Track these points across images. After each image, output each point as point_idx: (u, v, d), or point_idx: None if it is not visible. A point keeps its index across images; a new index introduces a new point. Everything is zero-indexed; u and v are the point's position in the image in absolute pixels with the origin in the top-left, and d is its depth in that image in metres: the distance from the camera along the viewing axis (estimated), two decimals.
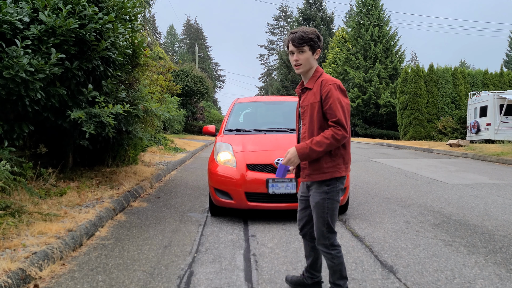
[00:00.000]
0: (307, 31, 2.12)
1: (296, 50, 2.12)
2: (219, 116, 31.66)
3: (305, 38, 2.08)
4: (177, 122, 18.03)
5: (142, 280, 2.57)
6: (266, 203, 3.87)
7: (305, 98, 2.19)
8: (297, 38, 2.09)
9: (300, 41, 2.09)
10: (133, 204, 4.77)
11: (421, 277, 2.62)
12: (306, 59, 2.13)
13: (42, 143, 4.79)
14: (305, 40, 2.09)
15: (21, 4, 3.87)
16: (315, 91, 2.12)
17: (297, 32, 2.11)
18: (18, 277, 2.34)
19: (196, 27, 58.79)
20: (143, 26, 17.63)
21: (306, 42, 2.09)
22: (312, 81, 2.17)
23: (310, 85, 2.17)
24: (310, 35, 2.10)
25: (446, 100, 20.67)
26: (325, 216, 2.12)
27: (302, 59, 2.12)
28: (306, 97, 2.18)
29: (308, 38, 2.09)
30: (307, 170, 2.18)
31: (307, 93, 2.19)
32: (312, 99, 2.13)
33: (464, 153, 11.60)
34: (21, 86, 3.53)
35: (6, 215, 3.26)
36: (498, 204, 4.86)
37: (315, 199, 2.14)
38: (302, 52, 2.12)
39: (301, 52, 2.12)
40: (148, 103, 5.39)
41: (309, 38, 2.09)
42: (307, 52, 2.12)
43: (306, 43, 2.10)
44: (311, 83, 2.17)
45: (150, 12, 35.74)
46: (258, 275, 2.67)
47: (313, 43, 2.11)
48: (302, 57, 2.12)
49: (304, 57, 2.12)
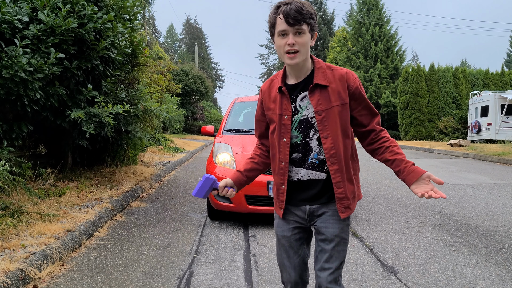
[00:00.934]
0: (304, 2, 1.47)
1: (292, 30, 1.43)
2: (219, 116, 31.64)
3: (305, 12, 1.43)
4: (176, 122, 18.02)
5: (141, 280, 2.56)
6: (267, 207, 3.78)
7: (317, 100, 1.51)
8: (293, 12, 1.42)
9: (298, 16, 1.42)
10: (133, 205, 4.76)
11: (422, 277, 2.61)
12: (305, 43, 1.46)
13: (41, 143, 4.78)
14: (304, 16, 1.43)
15: (20, 4, 3.85)
16: (336, 88, 1.50)
17: (292, 2, 1.43)
18: (17, 277, 2.33)
19: (196, 27, 58.78)
20: (142, 26, 17.63)
21: (306, 20, 1.44)
22: (320, 74, 1.52)
23: (321, 80, 1.51)
24: (310, 9, 1.46)
25: (447, 100, 20.65)
26: (345, 255, 1.57)
27: (300, 43, 1.45)
28: (320, 98, 1.50)
29: (308, 13, 1.45)
30: (347, 201, 1.53)
31: (318, 92, 1.51)
32: (336, 100, 1.50)
33: (465, 153, 11.57)
34: (20, 86, 3.52)
35: (5, 215, 3.24)
36: (499, 204, 4.84)
37: (336, 231, 1.53)
38: (300, 33, 1.45)
39: (299, 34, 1.45)
40: (148, 103, 5.38)
41: (309, 13, 1.45)
42: (307, 34, 1.46)
43: (306, 21, 1.44)
44: (320, 77, 1.51)
45: (149, 11, 35.74)
46: (258, 275, 2.65)
47: (313, 21, 1.48)
48: (301, 41, 1.45)
49: (304, 41, 1.45)
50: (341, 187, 1.51)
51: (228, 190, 1.63)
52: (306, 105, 1.54)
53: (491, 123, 15.41)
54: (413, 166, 1.46)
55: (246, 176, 1.70)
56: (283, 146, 1.57)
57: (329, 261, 1.52)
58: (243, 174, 1.69)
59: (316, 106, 1.51)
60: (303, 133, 1.55)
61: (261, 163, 1.73)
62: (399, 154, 1.51)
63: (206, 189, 1.59)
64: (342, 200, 1.52)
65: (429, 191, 1.39)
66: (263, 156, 1.74)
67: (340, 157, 1.51)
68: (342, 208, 1.53)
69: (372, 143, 1.57)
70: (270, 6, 1.43)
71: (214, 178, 1.60)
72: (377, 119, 1.58)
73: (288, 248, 1.64)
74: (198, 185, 1.60)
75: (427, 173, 1.43)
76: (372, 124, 1.56)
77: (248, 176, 1.70)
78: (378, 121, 1.58)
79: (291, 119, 1.55)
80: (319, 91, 1.51)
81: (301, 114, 1.55)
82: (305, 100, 1.55)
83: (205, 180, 1.58)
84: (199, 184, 1.59)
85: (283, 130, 1.56)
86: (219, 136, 4.64)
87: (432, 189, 1.40)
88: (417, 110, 20.54)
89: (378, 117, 1.59)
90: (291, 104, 1.56)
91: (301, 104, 1.56)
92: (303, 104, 1.55)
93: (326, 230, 1.53)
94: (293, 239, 1.62)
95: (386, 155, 1.53)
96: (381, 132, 1.56)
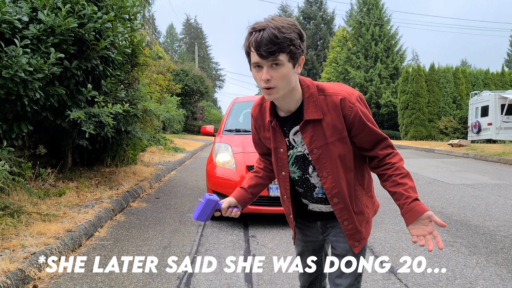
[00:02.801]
0: (282, 25, 1.16)
1: (266, 62, 1.18)
2: (219, 115, 31.64)
3: (281, 41, 1.15)
4: (176, 122, 18.01)
5: (141, 281, 2.55)
6: (267, 207, 3.79)
7: (311, 136, 1.31)
8: (266, 42, 1.14)
9: (272, 47, 1.15)
10: (133, 205, 4.75)
11: (422, 277, 2.60)
12: (283, 76, 1.19)
13: (41, 143, 4.78)
14: (280, 45, 1.15)
15: (20, 4, 3.85)
16: (331, 122, 1.28)
17: (266, 28, 1.15)
18: (17, 277, 2.33)
19: (195, 26, 58.78)
20: (142, 25, 17.61)
21: (283, 49, 1.16)
22: (311, 105, 1.29)
23: (313, 113, 1.28)
24: (289, 33, 1.16)
25: (447, 99, 20.64)
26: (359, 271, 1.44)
27: (278, 77, 1.19)
28: (314, 134, 1.30)
29: (286, 40, 1.15)
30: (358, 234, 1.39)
31: (311, 128, 1.30)
32: (331, 135, 1.29)
33: (465, 153, 11.57)
34: (20, 86, 3.51)
35: (5, 215, 3.24)
36: (500, 204, 4.84)
37: (347, 246, 1.41)
38: (277, 64, 1.18)
39: (276, 65, 1.18)
40: (148, 103, 5.37)
41: (288, 40, 1.16)
42: (286, 65, 1.18)
43: (283, 50, 1.16)
44: (312, 109, 1.28)
45: (149, 11, 35.73)
46: (258, 276, 2.65)
47: (295, 48, 1.18)
48: (277, 75, 1.19)
49: (281, 74, 1.19)
50: (350, 223, 1.37)
51: (232, 210, 1.49)
52: (300, 140, 1.35)
53: (491, 123, 15.40)
54: (413, 202, 1.27)
55: (251, 193, 1.55)
56: (282, 180, 1.44)
57: (341, 276, 1.42)
58: (247, 191, 1.54)
59: (310, 144, 1.32)
60: (301, 169, 1.39)
61: (266, 177, 1.58)
62: (400, 185, 1.30)
63: (208, 212, 1.45)
64: (353, 236, 1.38)
65: (425, 236, 1.23)
66: (267, 170, 1.58)
67: (343, 195, 1.35)
68: (354, 243, 1.39)
69: (376, 168, 1.39)
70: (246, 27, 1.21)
71: (216, 199, 1.45)
72: (383, 144, 1.35)
73: (303, 250, 1.60)
74: (199, 208, 1.45)
75: (427, 212, 1.24)
76: (375, 151, 1.35)
77: (253, 193, 1.56)
78: (384, 146, 1.35)
79: (286, 153, 1.38)
80: (312, 126, 1.30)
81: (296, 149, 1.37)
82: (298, 135, 1.35)
83: (206, 203, 1.43)
84: (200, 207, 1.44)
85: (280, 163, 1.42)
86: (219, 136, 4.63)
87: (431, 233, 1.23)
88: (417, 110, 20.53)
89: (385, 142, 1.36)
90: (284, 138, 1.37)
91: (295, 139, 1.36)
92: (297, 140, 1.36)
93: (338, 245, 1.43)
94: (306, 249, 1.58)
95: (387, 184, 1.34)
96: (386, 158, 1.35)
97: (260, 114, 1.44)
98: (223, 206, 1.48)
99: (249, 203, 1.57)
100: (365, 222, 1.41)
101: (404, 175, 1.32)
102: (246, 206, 1.55)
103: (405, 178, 1.32)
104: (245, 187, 1.56)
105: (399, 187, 1.30)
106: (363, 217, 1.40)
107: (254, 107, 1.47)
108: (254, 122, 1.49)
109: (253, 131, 1.54)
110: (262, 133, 1.46)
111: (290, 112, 1.34)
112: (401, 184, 1.30)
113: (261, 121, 1.45)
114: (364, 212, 1.41)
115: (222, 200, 1.50)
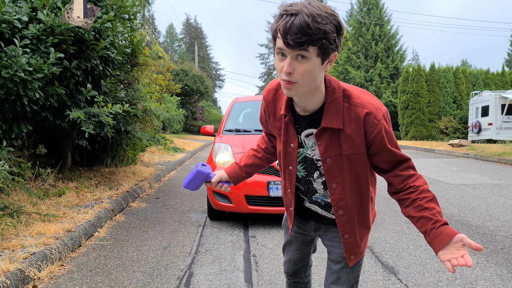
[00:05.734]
0: (319, 13, 0.99)
1: (292, 52, 1.03)
2: (219, 115, 31.64)
3: (313, 31, 0.98)
4: (176, 122, 18.01)
5: (141, 281, 2.55)
6: (267, 207, 3.78)
7: (326, 145, 1.20)
8: (295, 30, 0.99)
9: (301, 37, 0.99)
10: (132, 205, 4.75)
11: (422, 278, 2.60)
12: (307, 72, 1.05)
13: (41, 143, 4.77)
14: (311, 36, 0.99)
15: (19, 3, 3.85)
16: (350, 134, 1.16)
17: (299, 13, 0.99)
18: (16, 278, 2.32)
19: (195, 26, 58.77)
20: (142, 25, 17.61)
21: (313, 41, 1.00)
22: (333, 112, 1.15)
23: (332, 120, 1.15)
24: (324, 23, 0.99)
25: (447, 99, 20.64)
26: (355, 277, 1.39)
27: (301, 72, 1.05)
28: (330, 144, 1.19)
29: (320, 32, 0.99)
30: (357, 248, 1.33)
31: (328, 136, 1.19)
32: (348, 148, 1.18)
33: (466, 153, 11.56)
34: (19, 86, 3.51)
35: (5, 215, 3.24)
36: (500, 204, 4.83)
37: (343, 251, 1.35)
38: (303, 57, 1.03)
39: (302, 58, 1.03)
40: (147, 103, 5.37)
41: (321, 32, 0.99)
42: (313, 60, 1.03)
43: (313, 43, 1.00)
44: (332, 117, 1.15)
45: (149, 11, 35.74)
46: (258, 276, 2.64)
47: (327, 41, 1.01)
48: (301, 69, 1.04)
49: (305, 70, 1.04)
50: (351, 236, 1.30)
51: (223, 185, 1.46)
52: (312, 145, 1.25)
53: (491, 123, 15.40)
54: (442, 227, 1.11)
55: (246, 172, 1.50)
56: (289, 174, 1.34)
57: (336, 283, 1.37)
58: (242, 169, 1.50)
59: (324, 153, 1.21)
60: (306, 171, 1.31)
61: (264, 159, 1.52)
62: (427, 209, 1.15)
63: (197, 182, 1.43)
64: (351, 249, 1.31)
65: (457, 257, 1.06)
66: (268, 152, 1.51)
67: (350, 208, 1.27)
68: (351, 256, 1.32)
69: (396, 193, 1.23)
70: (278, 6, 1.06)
71: (207, 172, 1.44)
72: (404, 165, 1.21)
73: (292, 240, 1.56)
74: (189, 176, 1.42)
75: (459, 235, 1.08)
76: (395, 172, 1.21)
77: (247, 172, 1.51)
78: (405, 167, 1.21)
79: (297, 150, 1.27)
80: (329, 135, 1.18)
81: (306, 150, 1.27)
82: (310, 138, 1.24)
83: (196, 173, 1.41)
84: (191, 176, 1.41)
85: (289, 158, 1.31)
86: (219, 136, 4.62)
87: (463, 256, 1.05)
88: (417, 110, 20.53)
89: (407, 163, 1.21)
90: (296, 135, 1.26)
91: (306, 141, 1.26)
92: (308, 143, 1.25)
93: (333, 250, 1.37)
94: (295, 239, 1.55)
95: (410, 210, 1.18)
96: (409, 180, 1.19)
97: (273, 101, 1.30)
98: (213, 181, 1.45)
99: (241, 181, 1.52)
100: (366, 237, 1.36)
101: (430, 199, 1.17)
102: (237, 183, 1.50)
103: (432, 202, 1.16)
104: (241, 164, 1.51)
105: (425, 211, 1.15)
106: (366, 231, 1.34)
107: (268, 91, 1.32)
108: (265, 106, 1.36)
109: (262, 112, 1.41)
110: (272, 121, 1.34)
111: (307, 112, 1.21)
112: (428, 209, 1.15)
113: (273, 108, 1.31)
114: (369, 226, 1.35)
115: (214, 172, 1.48)
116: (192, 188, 1.45)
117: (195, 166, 1.44)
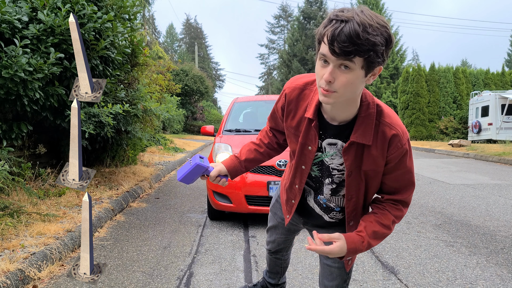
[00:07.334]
0: (371, 23, 0.96)
1: (336, 60, 1.00)
2: (219, 115, 31.63)
3: (362, 42, 0.96)
4: (176, 122, 18.02)
5: (141, 281, 2.55)
6: (267, 207, 3.76)
7: (353, 160, 1.20)
8: (343, 38, 0.96)
9: (349, 46, 0.96)
10: (132, 205, 4.75)
11: (422, 278, 2.60)
12: (348, 84, 1.03)
13: (41, 143, 4.77)
14: (360, 47, 0.96)
15: (20, 3, 3.85)
16: (375, 154, 1.17)
17: (350, 21, 0.96)
18: (16, 278, 2.32)
19: (195, 26, 58.77)
20: (142, 25, 17.63)
21: (360, 52, 0.97)
22: (363, 128, 1.15)
23: (362, 137, 1.15)
24: (375, 35, 0.96)
25: (447, 99, 20.64)
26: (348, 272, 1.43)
27: (342, 83, 1.03)
28: (356, 158, 1.20)
29: (369, 43, 0.96)
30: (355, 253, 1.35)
31: (354, 150, 1.19)
32: (369, 165, 1.20)
33: (466, 153, 11.57)
34: (19, 86, 3.51)
35: (5, 215, 3.24)
36: (500, 204, 4.83)
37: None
38: (346, 67, 1.01)
39: (345, 68, 1.01)
40: (147, 103, 5.37)
41: (371, 44, 0.96)
42: (356, 71, 1.02)
43: (360, 54, 0.98)
44: (362, 132, 1.15)
45: (149, 11, 35.74)
46: (259, 276, 2.64)
47: (375, 54, 0.98)
48: (343, 80, 1.02)
49: (347, 80, 1.02)
50: None
51: (221, 179, 1.44)
52: (332, 154, 1.25)
53: (491, 123, 15.41)
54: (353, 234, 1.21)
55: (245, 166, 1.48)
56: (300, 173, 1.33)
57: (329, 278, 1.41)
58: (242, 164, 1.48)
59: (350, 167, 1.21)
60: (321, 172, 1.31)
61: (266, 154, 1.49)
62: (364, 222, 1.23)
63: (195, 176, 1.38)
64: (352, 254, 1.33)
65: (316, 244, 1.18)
66: (270, 147, 1.49)
67: (358, 219, 1.33)
68: (349, 260, 1.35)
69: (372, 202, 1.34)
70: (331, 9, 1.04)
71: (206, 166, 1.39)
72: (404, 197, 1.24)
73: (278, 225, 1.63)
74: (186, 170, 1.36)
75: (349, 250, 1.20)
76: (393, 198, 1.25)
77: (247, 167, 1.48)
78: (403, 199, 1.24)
79: (314, 153, 1.26)
80: (355, 148, 1.18)
81: (324, 156, 1.26)
82: (332, 148, 1.23)
83: (195, 167, 1.36)
84: (188, 170, 1.36)
85: (303, 159, 1.29)
86: (219, 136, 4.63)
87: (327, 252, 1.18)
88: (417, 110, 20.53)
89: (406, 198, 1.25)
90: (317, 139, 1.24)
91: (327, 149, 1.25)
92: (329, 151, 1.25)
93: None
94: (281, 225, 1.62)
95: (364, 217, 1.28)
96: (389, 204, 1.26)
97: (296, 100, 1.26)
98: (212, 174, 1.42)
99: (240, 175, 1.50)
100: None
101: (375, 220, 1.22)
102: (235, 177, 1.48)
103: (378, 225, 1.21)
104: (241, 159, 1.48)
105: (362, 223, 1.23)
106: None
107: (293, 89, 1.27)
108: (284, 102, 1.30)
109: (278, 107, 1.35)
110: (289, 120, 1.29)
111: (335, 122, 1.19)
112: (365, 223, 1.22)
113: (295, 107, 1.26)
114: None
115: (212, 165, 1.44)
116: (188, 182, 1.39)
117: (191, 158, 1.39)
